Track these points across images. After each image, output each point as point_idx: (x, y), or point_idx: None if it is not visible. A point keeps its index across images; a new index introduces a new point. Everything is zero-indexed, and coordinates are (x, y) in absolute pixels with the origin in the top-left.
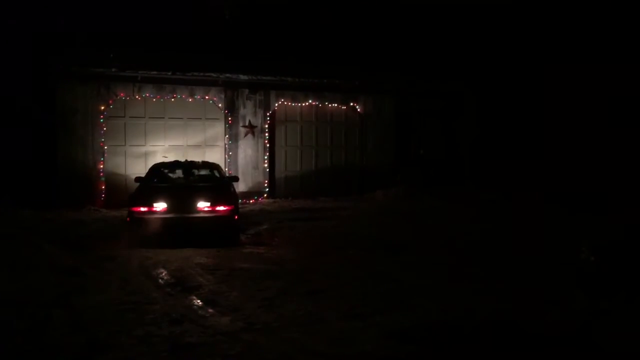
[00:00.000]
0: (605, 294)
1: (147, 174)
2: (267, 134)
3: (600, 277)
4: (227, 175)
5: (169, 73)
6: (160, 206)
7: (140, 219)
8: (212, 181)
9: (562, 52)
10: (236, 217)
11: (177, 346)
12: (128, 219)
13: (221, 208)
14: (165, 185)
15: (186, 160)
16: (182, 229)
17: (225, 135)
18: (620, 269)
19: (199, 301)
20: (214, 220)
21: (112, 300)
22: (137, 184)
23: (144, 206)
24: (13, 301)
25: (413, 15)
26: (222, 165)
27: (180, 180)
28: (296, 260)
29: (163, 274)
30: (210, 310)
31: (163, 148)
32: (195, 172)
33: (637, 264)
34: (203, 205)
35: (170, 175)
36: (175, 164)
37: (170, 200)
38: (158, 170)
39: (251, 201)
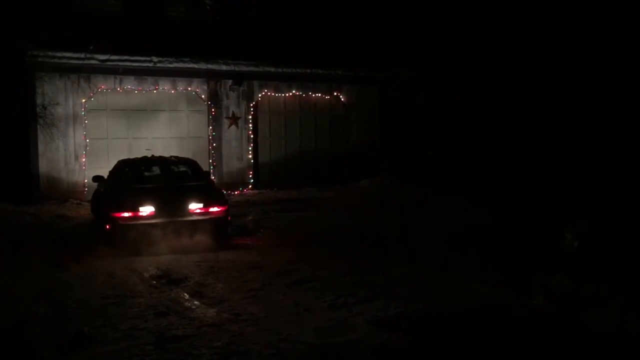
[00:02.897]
0: (589, 278)
1: (114, 172)
2: (250, 125)
3: (584, 263)
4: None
5: (151, 64)
6: (146, 210)
7: (125, 226)
8: (197, 179)
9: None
10: (229, 217)
11: (162, 338)
12: (108, 226)
13: (215, 209)
14: (150, 185)
15: (152, 155)
16: (173, 235)
17: (208, 127)
18: (603, 254)
19: (184, 293)
20: (208, 222)
21: (96, 295)
22: (107, 184)
23: (127, 211)
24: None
25: (395, 4)
26: (207, 157)
27: (160, 179)
28: (281, 251)
29: (148, 267)
30: (196, 302)
31: (146, 140)
32: (174, 168)
33: (619, 249)
34: (195, 206)
35: (145, 173)
36: (145, 161)
37: (157, 203)
38: (127, 168)
39: (236, 192)
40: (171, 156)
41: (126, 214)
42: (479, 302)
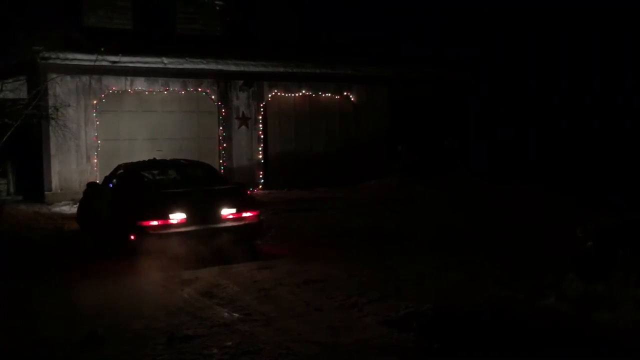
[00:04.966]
0: (602, 278)
1: (123, 177)
2: (260, 125)
3: (596, 262)
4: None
5: (161, 65)
6: (177, 217)
7: (155, 236)
8: (222, 182)
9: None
10: (262, 222)
11: (174, 338)
12: (132, 236)
13: (248, 214)
14: (180, 190)
15: (155, 158)
16: (205, 244)
17: (219, 127)
18: (617, 254)
19: (196, 293)
20: (242, 229)
21: (108, 295)
22: (118, 190)
23: (156, 219)
24: (11, 297)
25: (402, 3)
26: (217, 158)
27: (185, 184)
28: (292, 250)
29: (159, 269)
30: (208, 302)
31: (157, 141)
32: (192, 172)
33: (631, 247)
34: (227, 212)
35: (163, 177)
36: (159, 164)
37: (188, 209)
38: (136, 172)
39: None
40: (177, 159)
41: (155, 223)
42: (489, 301)
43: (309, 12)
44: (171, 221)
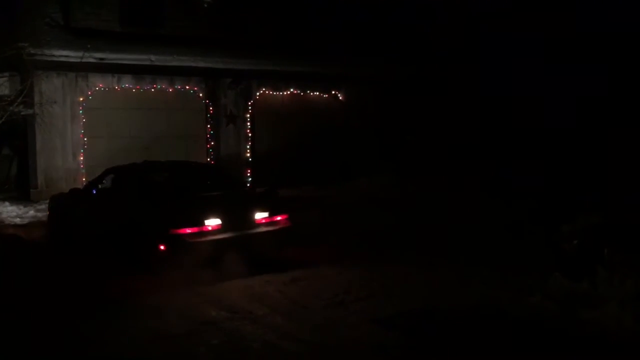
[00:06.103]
0: (587, 276)
1: (130, 182)
2: (248, 124)
3: (581, 260)
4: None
5: (148, 62)
6: (212, 223)
7: (191, 245)
8: (231, 182)
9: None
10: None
11: (160, 337)
12: (162, 246)
13: (279, 218)
14: (214, 194)
15: (145, 160)
16: (240, 252)
17: (206, 125)
18: (600, 252)
19: (182, 292)
20: (276, 234)
21: (94, 295)
22: (126, 195)
23: (191, 225)
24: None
25: (393, 3)
26: (205, 156)
27: (208, 186)
28: (279, 249)
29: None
30: (195, 300)
31: (144, 139)
32: (195, 173)
33: (615, 246)
34: (261, 216)
35: (178, 180)
36: (153, 165)
37: (222, 214)
38: (144, 176)
39: None
40: (172, 160)
41: (189, 230)
42: (477, 300)
43: (298, 11)
44: (207, 228)
